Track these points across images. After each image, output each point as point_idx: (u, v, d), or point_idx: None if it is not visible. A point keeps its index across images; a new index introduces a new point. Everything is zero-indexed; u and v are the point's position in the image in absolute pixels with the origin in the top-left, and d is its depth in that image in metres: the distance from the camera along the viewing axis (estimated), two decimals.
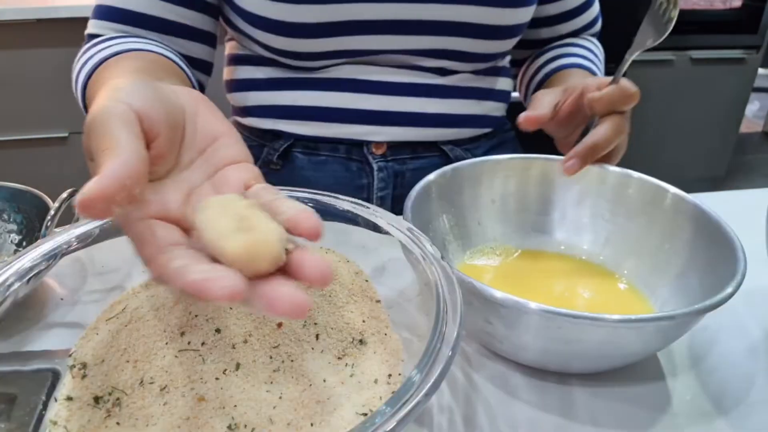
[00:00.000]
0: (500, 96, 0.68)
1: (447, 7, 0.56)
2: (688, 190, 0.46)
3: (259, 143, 0.66)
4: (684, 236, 0.44)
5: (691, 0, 2.04)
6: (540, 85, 0.67)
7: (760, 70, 2.30)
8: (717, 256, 0.39)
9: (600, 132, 0.47)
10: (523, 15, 0.60)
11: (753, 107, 3.46)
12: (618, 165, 0.51)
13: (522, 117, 0.49)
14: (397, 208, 0.62)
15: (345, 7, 0.54)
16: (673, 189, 0.46)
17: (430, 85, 0.62)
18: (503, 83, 0.68)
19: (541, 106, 0.50)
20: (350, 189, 0.65)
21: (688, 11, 2.07)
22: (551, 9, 0.67)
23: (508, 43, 0.62)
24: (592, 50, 0.68)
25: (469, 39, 0.58)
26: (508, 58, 0.71)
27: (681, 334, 0.36)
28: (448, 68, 0.62)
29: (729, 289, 0.34)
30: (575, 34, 0.71)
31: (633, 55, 0.49)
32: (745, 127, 3.15)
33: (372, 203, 0.65)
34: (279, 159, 0.65)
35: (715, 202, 0.44)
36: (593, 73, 0.64)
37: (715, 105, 2.28)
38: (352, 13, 0.55)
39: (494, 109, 0.68)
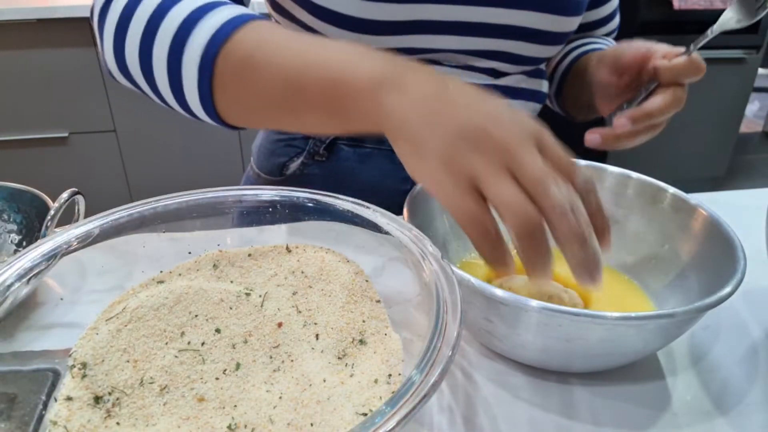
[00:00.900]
0: (541, 97, 0.70)
1: (511, 12, 0.57)
2: (688, 190, 0.46)
3: (304, 135, 0.67)
4: (684, 236, 0.44)
5: (690, 0, 2.04)
6: (570, 67, 0.69)
7: (760, 70, 2.30)
8: (717, 255, 0.39)
9: (659, 101, 0.48)
10: (576, 22, 0.62)
11: (753, 107, 3.46)
12: (618, 165, 0.51)
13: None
14: None
15: (417, 7, 0.55)
16: (672, 189, 0.46)
17: (483, 85, 0.63)
18: (545, 85, 0.71)
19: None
20: (395, 181, 0.65)
21: (688, 11, 2.07)
22: (591, 16, 0.71)
23: (558, 48, 0.64)
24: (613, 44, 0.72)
25: (525, 43, 0.60)
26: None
27: (681, 333, 0.36)
28: (499, 69, 0.63)
29: (728, 288, 0.34)
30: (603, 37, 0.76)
31: (715, 33, 0.49)
32: (745, 127, 3.15)
33: None
34: (325, 151, 0.65)
35: (715, 202, 0.44)
36: None
37: (715, 105, 2.28)
38: (423, 13, 0.56)
39: (534, 110, 0.70)
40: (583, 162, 0.50)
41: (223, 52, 0.43)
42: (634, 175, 0.49)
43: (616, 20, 0.75)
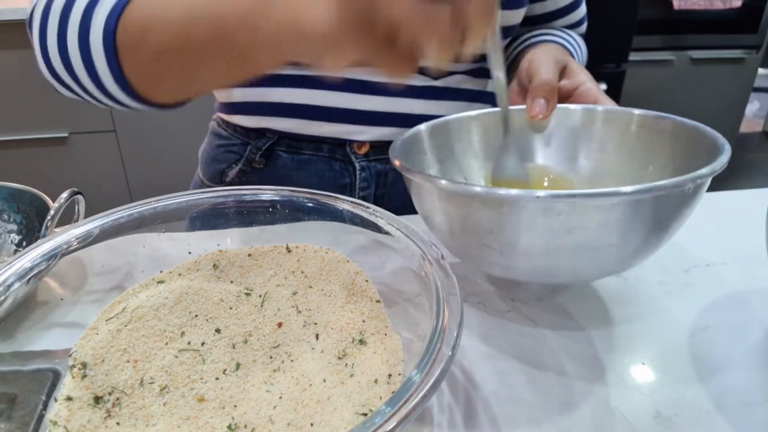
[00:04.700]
0: (489, 98, 0.69)
1: None
2: None
3: (242, 141, 0.66)
4: (665, 154, 0.44)
5: (690, 0, 2.04)
6: (519, 55, 0.68)
7: (760, 70, 2.30)
8: (701, 156, 0.39)
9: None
10: (517, 17, 0.61)
11: (753, 107, 3.46)
12: None
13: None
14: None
15: None
16: (639, 111, 0.47)
17: (425, 86, 0.62)
18: (492, 85, 0.69)
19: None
20: (333, 188, 0.65)
21: (688, 11, 2.07)
22: (547, 6, 0.70)
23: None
24: (574, 38, 0.70)
25: None
26: None
27: (684, 213, 0.36)
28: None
29: (724, 157, 0.35)
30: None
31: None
32: (745, 127, 3.16)
33: None
34: (262, 158, 0.65)
35: (715, 202, 0.44)
36: (571, 54, 0.66)
37: (715, 105, 2.28)
38: None
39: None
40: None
41: (121, 23, 0.43)
42: (600, 107, 0.49)
43: (578, 13, 0.72)
